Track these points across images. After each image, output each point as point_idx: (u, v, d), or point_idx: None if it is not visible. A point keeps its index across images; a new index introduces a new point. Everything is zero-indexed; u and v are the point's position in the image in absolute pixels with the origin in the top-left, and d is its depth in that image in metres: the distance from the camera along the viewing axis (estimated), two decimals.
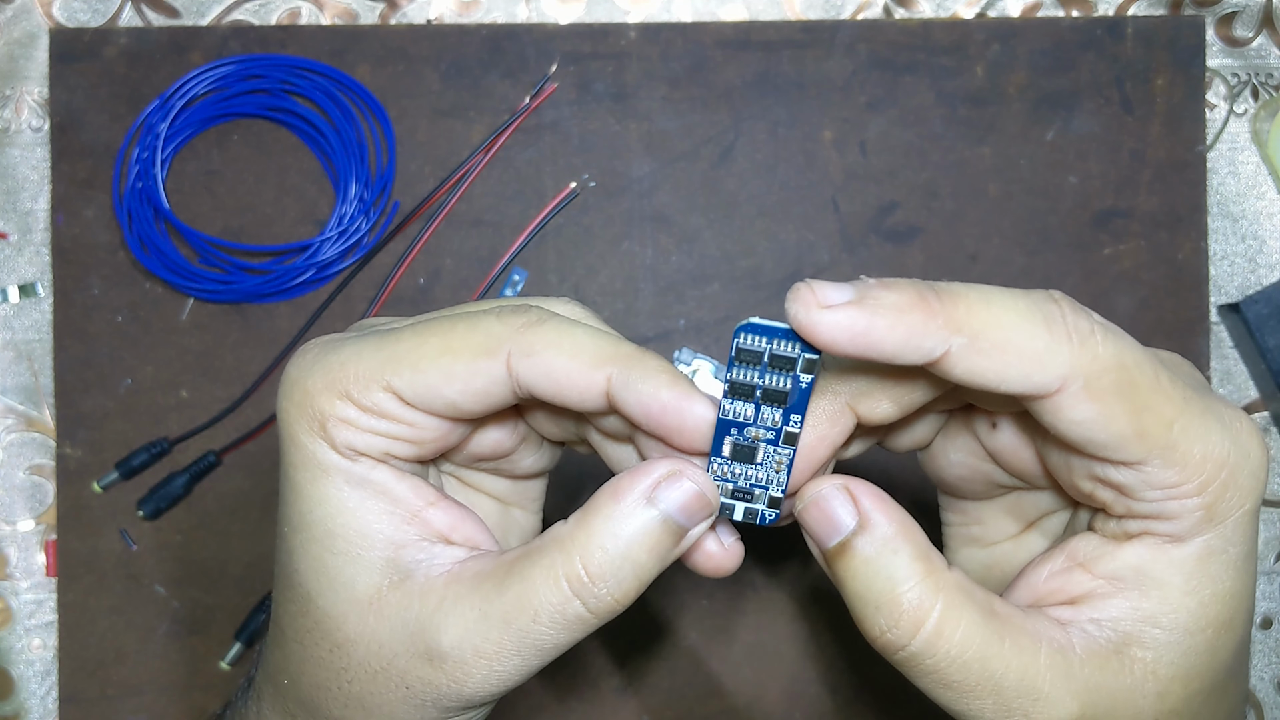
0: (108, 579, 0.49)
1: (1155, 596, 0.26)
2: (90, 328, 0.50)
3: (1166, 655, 0.26)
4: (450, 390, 0.26)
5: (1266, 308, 0.49)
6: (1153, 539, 0.26)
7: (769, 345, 0.25)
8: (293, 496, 0.28)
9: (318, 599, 0.28)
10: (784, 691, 0.49)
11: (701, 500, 0.27)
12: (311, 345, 0.28)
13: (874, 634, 0.26)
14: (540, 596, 0.26)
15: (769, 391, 0.26)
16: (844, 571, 0.26)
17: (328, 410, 0.27)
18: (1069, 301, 0.25)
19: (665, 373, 0.26)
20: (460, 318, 0.27)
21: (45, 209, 0.50)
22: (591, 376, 0.26)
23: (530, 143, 0.50)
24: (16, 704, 0.50)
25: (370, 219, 0.50)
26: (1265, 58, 0.52)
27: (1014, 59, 0.51)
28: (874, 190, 0.51)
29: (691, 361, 0.47)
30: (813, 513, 0.27)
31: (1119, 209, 0.50)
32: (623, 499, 0.26)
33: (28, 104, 0.51)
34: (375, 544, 0.27)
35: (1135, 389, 0.25)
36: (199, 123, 0.50)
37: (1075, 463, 0.27)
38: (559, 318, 0.27)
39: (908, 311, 0.24)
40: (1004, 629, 0.26)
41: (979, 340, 0.24)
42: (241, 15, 0.51)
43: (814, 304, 0.24)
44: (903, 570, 0.26)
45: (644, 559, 0.26)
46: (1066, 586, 0.27)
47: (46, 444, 0.50)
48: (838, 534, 0.26)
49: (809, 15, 0.51)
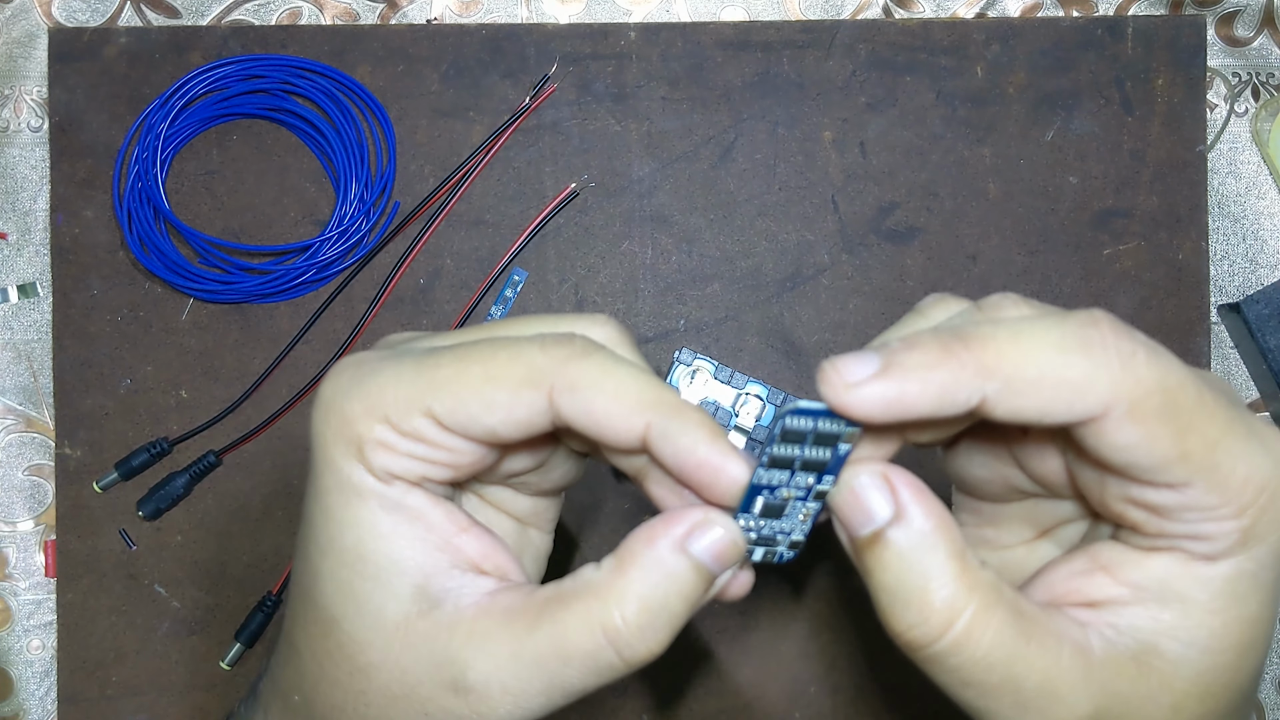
0: (107, 579, 0.49)
1: (1178, 610, 0.26)
2: (90, 328, 0.50)
3: (1184, 670, 0.26)
4: (492, 419, 0.26)
5: (1267, 308, 0.49)
6: (1183, 555, 0.26)
7: (814, 425, 0.25)
8: (322, 519, 0.28)
9: (343, 623, 0.27)
10: (784, 691, 0.49)
11: (734, 547, 0.27)
12: (347, 365, 0.28)
13: (898, 629, 0.26)
14: (574, 643, 0.26)
15: (808, 462, 0.26)
16: (874, 562, 0.26)
17: (366, 434, 0.26)
18: (1110, 321, 0.25)
19: (705, 427, 0.26)
20: (502, 345, 0.27)
21: (45, 209, 0.50)
22: (631, 421, 0.26)
23: (530, 143, 0.50)
24: (16, 704, 0.50)
25: (370, 219, 0.50)
26: (1266, 57, 0.52)
27: (1014, 59, 0.51)
28: (874, 190, 0.51)
29: (692, 362, 0.46)
30: (847, 499, 0.26)
31: (1119, 209, 0.50)
32: (657, 546, 0.26)
33: (27, 104, 0.51)
34: (406, 570, 0.27)
35: (1179, 411, 0.24)
36: (199, 123, 0.50)
37: (1110, 484, 0.26)
38: (602, 352, 0.26)
39: (935, 369, 0.24)
40: (1031, 630, 0.25)
41: (1014, 382, 0.24)
42: (241, 15, 0.51)
43: (840, 385, 0.24)
44: (937, 567, 0.25)
45: (678, 608, 0.26)
46: (1086, 589, 0.27)
47: (46, 444, 0.50)
48: (871, 524, 0.26)
49: (809, 15, 0.51)
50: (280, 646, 0.31)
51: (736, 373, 0.46)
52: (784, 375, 0.50)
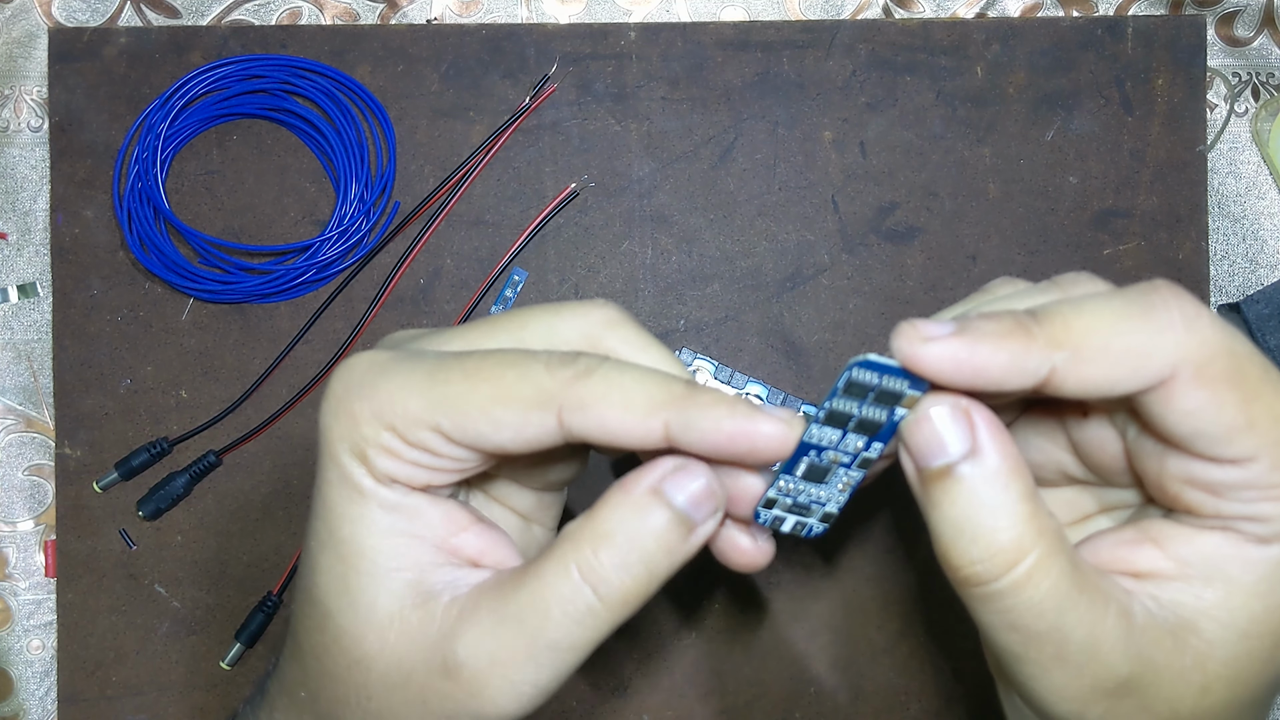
0: (107, 579, 0.49)
1: (1221, 590, 0.26)
2: (90, 328, 0.50)
3: (1219, 652, 0.25)
4: (500, 438, 0.26)
5: (1267, 308, 0.49)
6: (1235, 535, 0.25)
7: (879, 381, 0.25)
8: (324, 511, 0.28)
9: (337, 616, 0.28)
10: (784, 691, 0.49)
11: (709, 493, 0.26)
12: (358, 362, 0.28)
13: (958, 563, 0.25)
14: (552, 590, 0.26)
15: (864, 422, 0.26)
16: (941, 495, 0.25)
17: (371, 438, 0.27)
18: (1171, 286, 0.25)
19: (721, 404, 0.26)
20: (509, 362, 0.26)
21: (45, 209, 0.50)
22: (647, 425, 0.26)
23: (530, 143, 0.50)
24: (16, 704, 0.50)
25: (370, 219, 0.50)
26: (1266, 57, 0.52)
27: (1014, 59, 0.51)
28: (874, 190, 0.51)
29: (692, 362, 0.46)
30: (922, 429, 0.26)
31: (1119, 209, 0.50)
32: (631, 492, 0.26)
33: (27, 104, 0.51)
34: (402, 566, 0.27)
35: (1245, 378, 0.24)
36: (199, 123, 0.50)
37: (1170, 463, 0.26)
38: (607, 364, 0.26)
39: (1008, 337, 0.24)
40: (1085, 585, 0.25)
41: (1081, 350, 0.24)
42: (241, 15, 0.51)
43: (917, 338, 0.24)
44: (1008, 507, 0.25)
45: (652, 549, 0.26)
46: (1134, 559, 0.27)
47: (46, 444, 0.50)
48: (944, 456, 0.25)
49: (809, 15, 0.51)
50: (287, 643, 0.31)
51: (736, 373, 0.46)
52: (784, 375, 0.50)
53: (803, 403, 0.46)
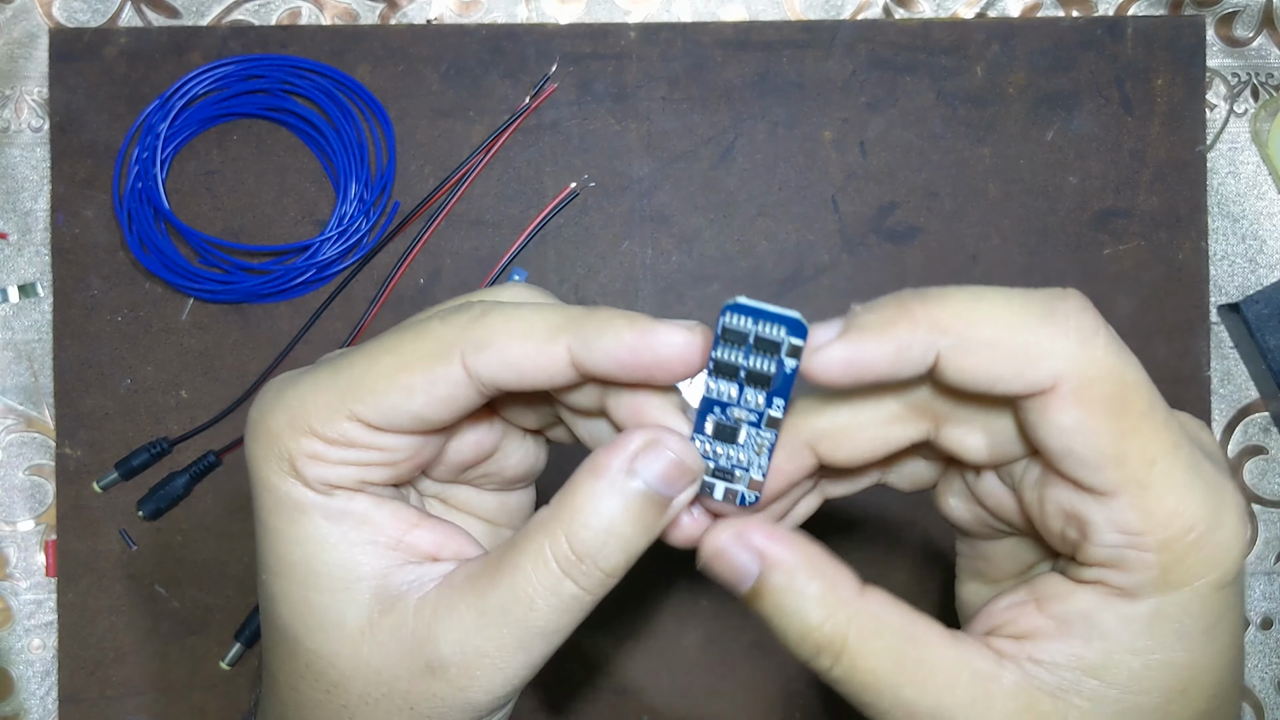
0: (107, 579, 0.49)
1: (1099, 648, 0.25)
2: (90, 328, 0.50)
3: (1103, 709, 0.25)
4: (414, 405, 0.26)
5: (1267, 308, 0.49)
6: (1105, 589, 0.25)
7: (754, 327, 0.25)
8: (270, 540, 0.27)
9: (305, 640, 0.27)
10: (784, 691, 0.49)
11: (682, 468, 0.26)
12: (271, 384, 0.28)
13: (802, 659, 0.26)
14: (533, 582, 0.26)
15: (753, 374, 0.26)
16: (763, 611, 0.26)
17: (294, 448, 0.26)
18: (1079, 300, 0.24)
19: (620, 317, 0.25)
20: (405, 331, 0.26)
21: (45, 209, 0.51)
22: (550, 351, 0.25)
23: (530, 143, 0.50)
24: (16, 704, 0.50)
25: (370, 219, 0.50)
26: (1265, 58, 0.52)
27: (1014, 59, 0.51)
28: (874, 190, 0.51)
29: None
30: (718, 565, 0.27)
31: (1119, 209, 0.50)
32: (602, 474, 0.26)
33: (27, 104, 0.51)
34: (362, 575, 0.27)
35: (1127, 409, 0.24)
36: (199, 123, 0.50)
37: (1048, 493, 0.26)
38: (502, 305, 0.26)
39: (890, 325, 0.24)
40: (921, 656, 0.25)
41: (967, 339, 0.24)
42: (241, 15, 0.51)
43: (808, 350, 0.24)
44: (814, 603, 0.26)
45: (629, 531, 0.26)
46: (1018, 620, 0.27)
47: (46, 444, 0.50)
48: (747, 579, 0.26)
49: (809, 15, 0.51)
50: (262, 678, 0.30)
51: None
52: None
53: None
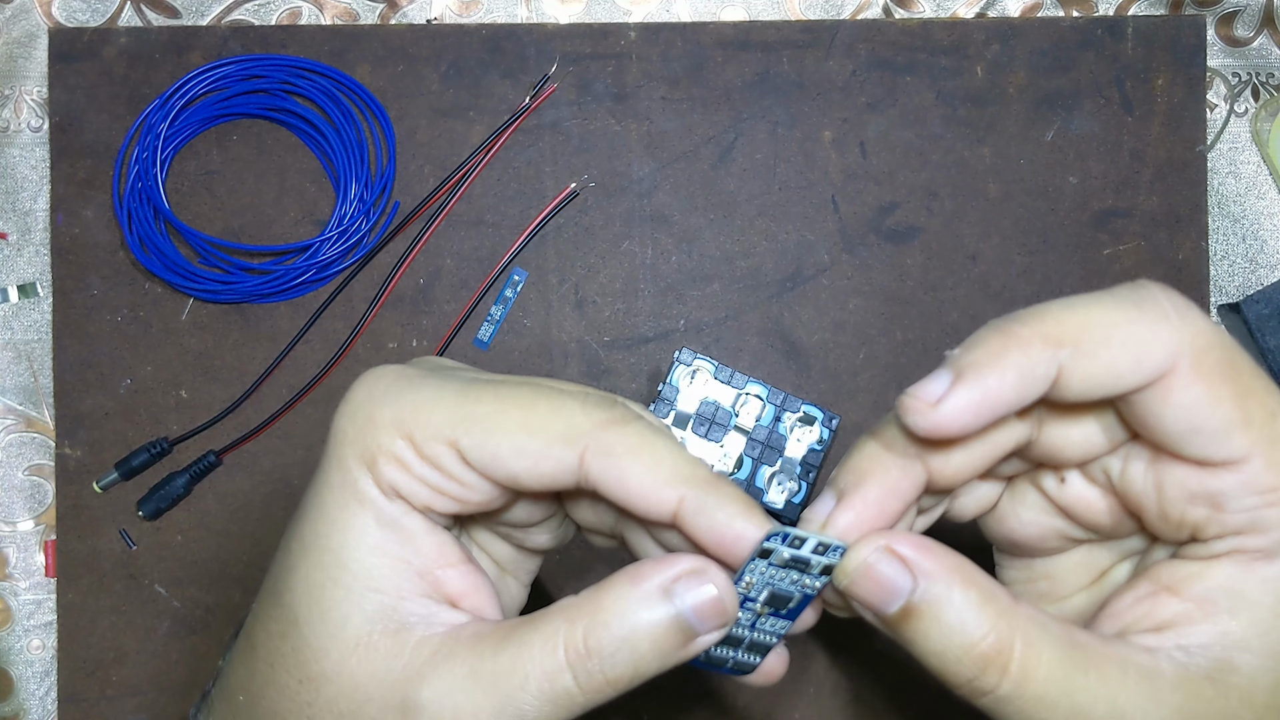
0: (108, 579, 0.49)
1: (1245, 619, 0.25)
2: (90, 328, 0.50)
3: (1262, 681, 0.24)
4: (518, 466, 0.26)
5: (1267, 308, 0.49)
6: (1243, 556, 0.25)
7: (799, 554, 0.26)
8: (315, 514, 0.27)
9: (304, 626, 0.27)
10: (784, 692, 0.49)
11: (718, 607, 0.26)
12: (386, 372, 0.27)
13: (958, 684, 0.25)
14: (534, 662, 0.25)
15: (776, 596, 0.27)
16: (913, 633, 0.25)
17: (386, 445, 0.26)
18: (1159, 285, 0.25)
19: (740, 501, 0.26)
20: (544, 394, 0.26)
21: (45, 209, 0.50)
22: (664, 494, 0.25)
23: (530, 143, 0.50)
24: (16, 704, 0.50)
25: (370, 219, 0.50)
26: (1266, 57, 0.52)
27: (1014, 59, 0.51)
28: (874, 190, 0.51)
29: (692, 362, 0.46)
30: (864, 584, 0.25)
31: (1119, 209, 0.50)
32: (639, 585, 0.25)
33: (27, 104, 0.51)
34: (381, 588, 0.26)
35: (1239, 372, 0.24)
36: (199, 123, 0.50)
37: (1169, 484, 0.25)
38: (642, 421, 0.26)
39: (1002, 355, 0.24)
40: (1088, 659, 0.24)
41: (1083, 344, 0.24)
42: (241, 15, 0.51)
43: (924, 408, 0.24)
44: (974, 616, 0.24)
45: (645, 649, 0.26)
46: (1153, 612, 0.26)
47: (46, 444, 0.50)
48: (898, 599, 0.25)
49: (809, 15, 0.51)
50: (237, 644, 0.30)
51: (736, 373, 0.46)
52: (784, 375, 0.50)
53: (803, 402, 0.46)
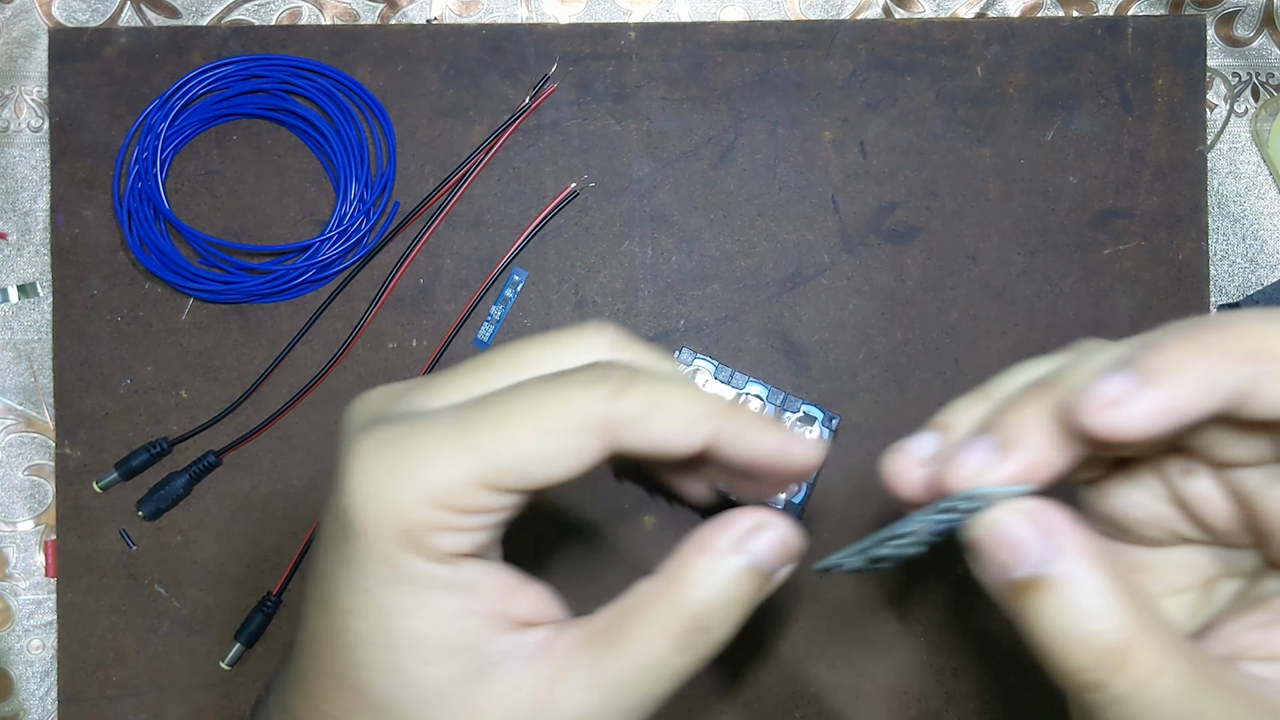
0: (107, 579, 0.49)
1: None
2: (90, 328, 0.50)
3: None
4: (547, 470, 0.25)
5: (1267, 308, 0.49)
6: None
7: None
8: (365, 610, 0.26)
9: (402, 705, 0.26)
10: (785, 691, 0.49)
11: (786, 548, 0.27)
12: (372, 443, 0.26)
13: (1069, 671, 0.23)
14: (649, 656, 0.26)
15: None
16: (1031, 607, 0.24)
17: (425, 519, 0.25)
18: None
19: (762, 420, 0.27)
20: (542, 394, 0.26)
21: (45, 209, 0.50)
22: (693, 435, 0.26)
23: (530, 143, 0.50)
24: (16, 704, 0.50)
25: (370, 219, 0.50)
26: (1266, 57, 0.52)
27: (1014, 59, 0.51)
28: (874, 190, 0.51)
29: (692, 362, 0.46)
30: (997, 542, 0.24)
31: (1119, 209, 0.50)
32: (713, 552, 0.26)
33: (27, 104, 0.51)
34: (464, 645, 0.26)
35: None
36: (199, 123, 0.50)
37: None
38: (640, 376, 0.26)
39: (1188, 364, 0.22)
40: (1209, 680, 0.23)
41: None
42: (241, 15, 0.51)
43: (1103, 409, 0.23)
44: (1110, 607, 0.23)
45: (738, 607, 0.27)
46: (1267, 641, 0.25)
47: (46, 444, 0.50)
48: (1027, 566, 0.24)
49: (809, 15, 0.51)
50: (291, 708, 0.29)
51: (736, 373, 0.46)
52: (784, 375, 0.50)
53: (803, 402, 0.46)
